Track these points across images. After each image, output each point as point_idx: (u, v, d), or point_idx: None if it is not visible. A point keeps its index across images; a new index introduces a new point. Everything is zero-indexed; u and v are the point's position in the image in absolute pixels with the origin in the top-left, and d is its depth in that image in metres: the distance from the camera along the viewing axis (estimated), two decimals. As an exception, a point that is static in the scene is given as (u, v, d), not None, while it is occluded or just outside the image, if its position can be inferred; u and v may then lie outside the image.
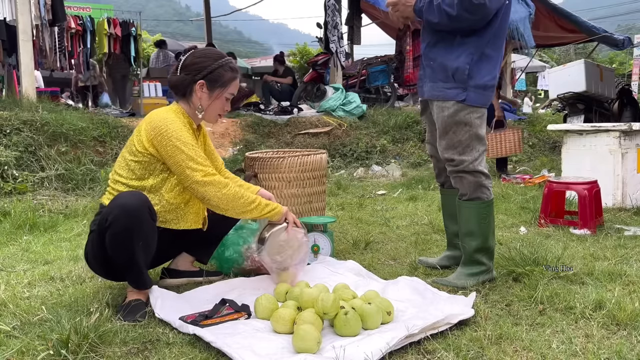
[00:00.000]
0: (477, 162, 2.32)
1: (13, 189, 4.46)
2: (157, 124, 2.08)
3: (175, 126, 2.08)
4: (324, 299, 1.84)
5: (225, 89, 2.20)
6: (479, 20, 2.20)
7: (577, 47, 19.35)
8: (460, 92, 2.27)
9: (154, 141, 2.06)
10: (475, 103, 2.29)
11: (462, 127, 2.30)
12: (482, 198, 2.34)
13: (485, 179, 2.35)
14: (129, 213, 1.91)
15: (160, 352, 1.70)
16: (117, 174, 2.13)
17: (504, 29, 2.32)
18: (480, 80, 2.27)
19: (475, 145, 2.31)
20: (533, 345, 1.71)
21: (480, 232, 2.36)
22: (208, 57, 2.18)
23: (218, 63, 2.17)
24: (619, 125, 4.13)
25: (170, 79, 2.22)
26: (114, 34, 8.98)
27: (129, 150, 2.13)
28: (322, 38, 9.25)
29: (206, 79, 2.15)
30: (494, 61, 2.29)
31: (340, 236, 3.30)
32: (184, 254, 2.45)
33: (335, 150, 7.06)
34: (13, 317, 1.95)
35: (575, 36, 9.98)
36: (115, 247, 1.95)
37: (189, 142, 2.07)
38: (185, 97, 2.20)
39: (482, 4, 2.12)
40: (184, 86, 2.17)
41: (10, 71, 8.71)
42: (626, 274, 2.39)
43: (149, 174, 2.11)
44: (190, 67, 2.16)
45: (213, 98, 2.19)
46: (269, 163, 2.83)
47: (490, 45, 2.27)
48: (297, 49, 23.16)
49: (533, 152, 8.21)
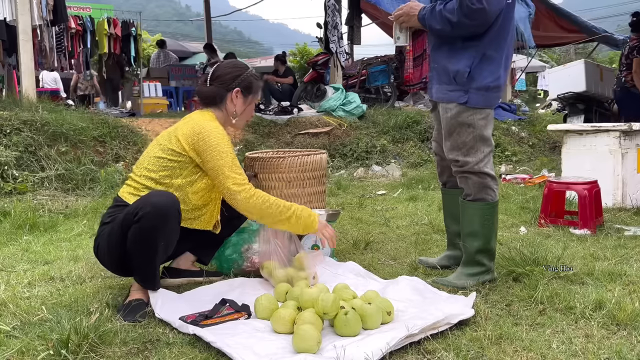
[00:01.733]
0: (483, 163, 2.32)
1: (13, 189, 4.45)
2: (201, 129, 2.16)
3: (219, 133, 2.17)
4: (324, 299, 1.84)
5: (256, 95, 2.38)
6: (479, 25, 2.20)
7: (577, 47, 19.31)
8: (462, 95, 2.28)
9: (195, 145, 2.14)
10: (477, 105, 2.28)
11: (465, 128, 2.30)
12: (486, 199, 2.34)
13: (491, 181, 2.34)
14: (160, 212, 1.96)
15: (160, 352, 1.70)
16: (147, 169, 2.18)
17: (506, 29, 2.30)
18: (481, 82, 2.26)
19: (480, 146, 2.31)
20: (533, 345, 1.71)
21: (483, 233, 2.35)
22: (239, 68, 2.35)
23: (249, 72, 2.34)
24: (619, 125, 4.13)
25: (201, 90, 2.34)
26: (114, 34, 8.99)
27: (162, 148, 2.19)
28: (322, 38, 9.25)
29: (241, 87, 2.29)
30: (496, 62, 2.28)
31: (340, 236, 3.29)
32: (186, 253, 2.46)
33: (335, 150, 7.06)
34: (13, 317, 1.96)
35: (575, 36, 9.98)
36: (139, 242, 1.97)
37: (229, 150, 2.16)
38: (217, 106, 2.30)
39: (481, 8, 2.12)
40: (218, 96, 2.28)
41: (10, 71, 8.72)
42: (626, 274, 2.39)
43: (179, 173, 2.17)
44: (224, 77, 2.29)
45: (247, 104, 2.34)
46: (269, 163, 2.83)
47: (493, 46, 2.26)
48: (297, 49, 23.12)
49: (533, 152, 8.21)
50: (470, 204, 2.36)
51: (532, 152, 8.21)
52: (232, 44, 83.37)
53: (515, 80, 14.35)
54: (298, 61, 20.91)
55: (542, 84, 19.23)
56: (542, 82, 19.11)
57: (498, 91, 2.33)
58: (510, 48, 2.36)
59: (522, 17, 8.65)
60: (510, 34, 2.33)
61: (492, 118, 2.37)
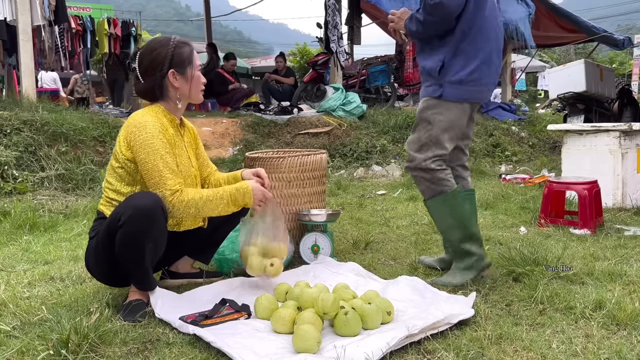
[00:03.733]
0: (430, 161, 2.31)
1: (13, 189, 4.46)
2: (132, 129, 2.04)
3: (152, 128, 2.03)
4: (324, 299, 1.84)
5: (192, 64, 2.16)
6: (442, 19, 2.21)
7: (577, 47, 19.33)
8: (437, 89, 2.31)
9: (130, 143, 2.03)
10: (452, 98, 2.29)
11: (424, 124, 2.34)
12: (444, 191, 2.33)
13: (440, 172, 2.33)
14: (142, 213, 1.91)
15: (160, 352, 1.70)
16: (108, 182, 2.13)
17: (483, 22, 2.26)
18: (454, 75, 2.27)
19: (431, 146, 2.32)
20: (533, 345, 1.71)
21: (458, 222, 2.36)
22: (160, 47, 2.12)
23: (171, 46, 2.12)
24: (619, 125, 4.13)
25: (138, 88, 2.17)
26: (114, 34, 9.00)
27: (114, 157, 2.12)
28: (322, 38, 9.24)
29: (174, 66, 2.11)
30: (470, 55, 2.26)
31: (340, 236, 3.30)
32: (184, 257, 2.45)
33: (335, 150, 7.06)
34: (13, 317, 1.96)
35: (575, 36, 9.99)
36: (125, 246, 1.94)
37: (160, 147, 2.01)
38: (162, 98, 2.16)
39: (439, 2, 2.15)
40: (157, 88, 2.12)
41: (11, 71, 8.73)
42: (626, 274, 2.39)
43: (136, 180, 2.09)
44: (151, 65, 2.10)
45: (189, 79, 2.15)
46: (269, 163, 2.83)
47: (466, 40, 2.25)
48: (297, 49, 23.12)
49: (533, 152, 8.21)
50: (432, 202, 2.38)
51: (532, 152, 8.21)
52: (232, 44, 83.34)
53: (515, 80, 14.35)
54: (298, 61, 20.90)
55: (542, 84, 19.25)
56: (542, 82, 19.13)
57: (476, 85, 2.30)
58: (496, 42, 2.32)
59: (522, 17, 8.65)
60: (493, 28, 2.30)
61: (461, 123, 2.33)
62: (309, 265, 2.64)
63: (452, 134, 2.34)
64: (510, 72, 11.83)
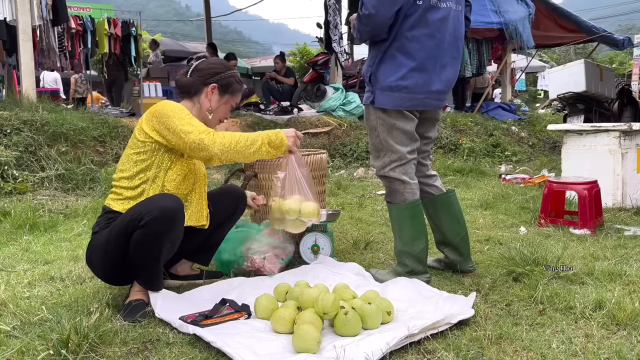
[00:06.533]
0: (388, 168, 2.32)
1: (13, 189, 4.46)
2: (158, 109, 2.14)
3: (176, 106, 2.14)
4: (324, 299, 1.84)
5: (233, 97, 2.32)
6: (374, 28, 2.22)
7: (577, 47, 19.33)
8: (369, 95, 2.33)
9: (155, 125, 2.11)
10: (383, 105, 2.28)
11: (372, 131, 2.36)
12: (393, 202, 2.36)
13: (399, 184, 2.31)
14: (168, 215, 1.94)
15: (160, 352, 1.70)
16: (121, 171, 2.16)
17: (416, 28, 2.20)
18: (384, 81, 2.26)
19: (384, 152, 2.33)
20: (533, 345, 1.71)
21: (398, 234, 2.39)
22: (222, 65, 2.33)
23: (230, 72, 2.31)
24: (619, 125, 4.13)
25: (179, 80, 2.30)
26: (114, 34, 8.99)
27: (131, 145, 2.18)
28: (322, 38, 9.24)
29: (219, 83, 2.26)
30: (399, 61, 2.23)
31: (340, 236, 3.30)
32: (183, 260, 2.45)
33: (335, 150, 7.06)
34: (13, 317, 1.96)
35: (575, 36, 9.99)
36: (144, 246, 1.95)
37: (183, 112, 2.11)
38: (191, 97, 2.27)
39: (368, 14, 2.18)
40: (194, 87, 2.25)
41: (11, 71, 8.73)
42: (626, 274, 2.39)
43: (151, 163, 2.13)
44: (204, 71, 2.26)
45: (222, 102, 2.29)
46: (269, 163, 2.83)
47: (395, 46, 2.23)
48: (297, 49, 23.12)
49: (533, 152, 8.21)
50: (387, 205, 2.42)
51: (532, 152, 8.21)
52: (232, 44, 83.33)
53: (515, 81, 14.34)
54: (298, 61, 20.89)
55: (542, 84, 19.23)
56: (542, 82, 19.11)
57: (409, 92, 2.23)
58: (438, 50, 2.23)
59: (522, 17, 8.66)
60: (433, 34, 2.21)
61: (404, 127, 2.29)
62: (309, 265, 2.64)
63: (398, 139, 2.30)
64: (510, 72, 11.83)
